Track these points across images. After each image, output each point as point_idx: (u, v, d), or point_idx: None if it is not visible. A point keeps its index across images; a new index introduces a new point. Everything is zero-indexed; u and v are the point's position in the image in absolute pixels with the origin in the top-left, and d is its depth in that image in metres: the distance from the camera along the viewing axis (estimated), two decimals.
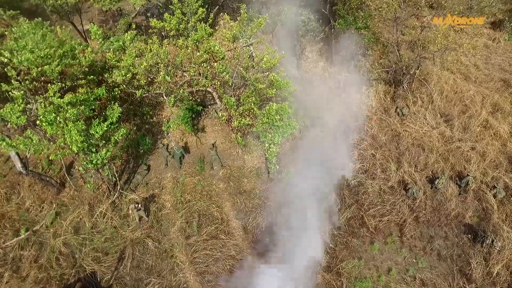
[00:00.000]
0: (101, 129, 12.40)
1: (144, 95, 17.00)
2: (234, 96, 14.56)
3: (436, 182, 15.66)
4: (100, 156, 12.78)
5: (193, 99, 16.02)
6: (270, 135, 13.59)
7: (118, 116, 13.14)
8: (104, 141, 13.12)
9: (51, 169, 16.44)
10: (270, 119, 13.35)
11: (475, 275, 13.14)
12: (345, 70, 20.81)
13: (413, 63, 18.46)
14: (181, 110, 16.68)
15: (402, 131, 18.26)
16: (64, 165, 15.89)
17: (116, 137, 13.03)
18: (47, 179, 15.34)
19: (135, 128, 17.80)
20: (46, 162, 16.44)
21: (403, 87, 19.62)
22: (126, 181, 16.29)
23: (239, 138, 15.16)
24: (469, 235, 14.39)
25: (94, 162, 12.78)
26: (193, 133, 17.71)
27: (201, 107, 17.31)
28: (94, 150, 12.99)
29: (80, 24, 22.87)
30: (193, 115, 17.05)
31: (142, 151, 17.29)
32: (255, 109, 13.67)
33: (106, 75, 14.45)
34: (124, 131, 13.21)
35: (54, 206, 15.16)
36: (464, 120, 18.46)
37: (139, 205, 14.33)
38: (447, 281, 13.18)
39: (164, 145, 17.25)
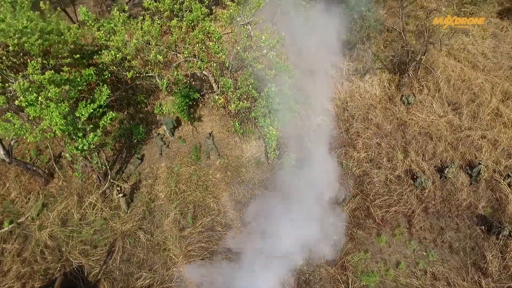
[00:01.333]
0: (87, 111, 11.54)
1: (137, 82, 16.22)
2: (231, 79, 13.71)
3: (445, 172, 14.77)
4: (87, 141, 11.92)
5: (188, 82, 15.14)
6: (269, 119, 12.73)
7: (107, 98, 12.29)
8: (91, 126, 12.27)
9: (40, 159, 15.59)
10: (269, 102, 12.49)
11: (491, 269, 12.24)
12: (348, 58, 19.98)
13: (420, 47, 17.59)
14: (176, 97, 15.83)
15: (408, 119, 17.37)
16: (52, 155, 15.07)
17: (104, 121, 12.17)
18: (34, 168, 14.49)
19: (128, 117, 16.96)
20: (34, 152, 15.63)
21: (409, 75, 18.74)
22: (118, 171, 15.42)
23: (237, 124, 14.31)
24: (483, 227, 13.49)
25: (80, 147, 11.91)
26: (189, 121, 16.86)
27: (198, 95, 16.46)
28: (80, 135, 12.15)
29: (74, 13, 22.14)
30: (190, 103, 16.19)
31: (135, 140, 16.43)
32: (253, 91, 12.82)
33: (95, 57, 13.62)
34: (114, 114, 12.34)
35: (41, 197, 14.32)
36: (473, 109, 17.56)
37: (120, 189, 13.62)
38: (461, 275, 12.27)
39: (158, 134, 16.42)
